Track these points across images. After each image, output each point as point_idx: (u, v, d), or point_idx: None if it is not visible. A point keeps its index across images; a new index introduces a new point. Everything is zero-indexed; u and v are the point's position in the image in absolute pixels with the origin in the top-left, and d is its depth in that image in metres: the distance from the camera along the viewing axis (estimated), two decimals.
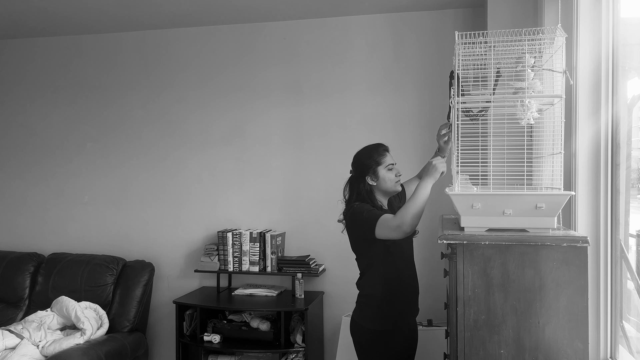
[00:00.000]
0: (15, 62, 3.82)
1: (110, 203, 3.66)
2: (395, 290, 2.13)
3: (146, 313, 3.41)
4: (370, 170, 2.17)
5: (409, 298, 2.21)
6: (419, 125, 3.23)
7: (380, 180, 2.17)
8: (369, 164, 2.18)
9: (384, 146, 2.23)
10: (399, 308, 2.15)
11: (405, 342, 2.18)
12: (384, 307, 2.12)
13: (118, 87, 3.65)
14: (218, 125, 3.50)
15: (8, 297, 3.45)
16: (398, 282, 2.14)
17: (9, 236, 3.80)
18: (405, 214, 1.93)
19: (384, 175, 2.17)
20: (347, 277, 3.20)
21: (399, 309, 2.15)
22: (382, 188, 2.19)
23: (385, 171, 2.17)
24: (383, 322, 2.11)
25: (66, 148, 3.72)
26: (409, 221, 1.93)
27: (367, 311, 2.15)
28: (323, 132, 3.34)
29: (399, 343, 2.14)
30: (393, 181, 2.18)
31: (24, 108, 3.80)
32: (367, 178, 2.18)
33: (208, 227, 3.48)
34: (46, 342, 2.88)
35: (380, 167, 2.17)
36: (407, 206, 1.95)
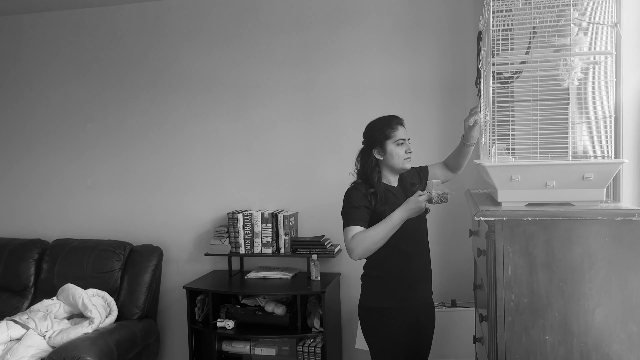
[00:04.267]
0: (8, 40, 3.63)
1: (114, 186, 3.51)
2: (402, 269, 2.02)
3: (156, 299, 3.29)
4: (378, 144, 2.04)
5: (418, 276, 2.08)
6: (441, 94, 3.03)
7: (388, 155, 2.03)
8: (378, 137, 2.04)
9: (397, 119, 2.08)
10: (406, 286, 2.03)
11: (415, 321, 2.05)
12: (391, 286, 2.02)
13: (118, 64, 3.47)
14: (224, 102, 3.32)
15: (13, 285, 3.33)
16: (404, 261, 2.02)
17: (11, 222, 3.67)
18: (361, 243, 1.86)
19: (392, 150, 2.03)
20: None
21: (407, 287, 2.04)
22: (389, 164, 2.05)
23: (394, 146, 2.03)
24: (390, 301, 2.01)
25: (66, 130, 3.56)
26: (360, 253, 1.87)
27: (373, 291, 2.06)
28: (335, 105, 3.16)
29: (408, 322, 2.02)
30: (401, 158, 2.04)
31: (22, 89, 3.63)
32: (374, 151, 2.05)
33: (217, 209, 3.33)
34: (53, 332, 2.77)
35: (389, 141, 2.03)
36: (367, 237, 1.86)
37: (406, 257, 2.02)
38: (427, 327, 2.14)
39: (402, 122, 2.08)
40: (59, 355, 2.53)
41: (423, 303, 2.11)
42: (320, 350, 2.82)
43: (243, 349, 3.01)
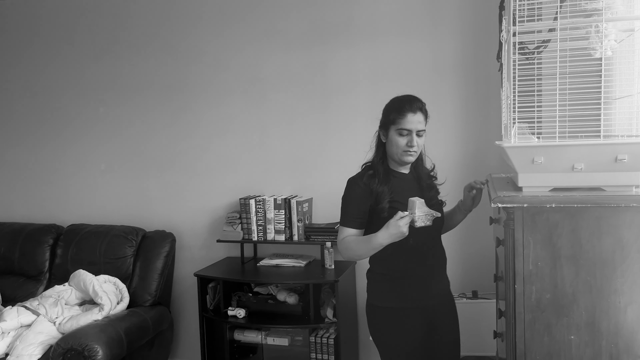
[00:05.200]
0: (21, 24, 3.59)
1: (127, 171, 3.45)
2: (412, 267, 1.86)
3: (169, 286, 3.23)
4: (384, 126, 1.90)
5: (430, 273, 1.91)
6: (463, 74, 2.85)
7: (388, 141, 1.88)
8: (384, 119, 1.90)
9: (411, 105, 1.83)
10: (417, 285, 1.87)
11: (431, 322, 1.88)
12: (400, 284, 1.87)
13: (128, 46, 3.38)
14: (236, 84, 3.21)
15: (28, 270, 3.33)
16: (414, 258, 1.86)
17: (27, 207, 3.66)
18: (346, 251, 1.84)
19: (392, 137, 1.85)
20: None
21: (418, 286, 1.87)
22: (388, 151, 1.89)
23: (395, 134, 1.84)
24: (398, 300, 1.85)
25: (79, 114, 3.51)
26: (346, 257, 1.90)
27: (379, 288, 1.91)
28: (351, 87, 3.01)
29: (420, 323, 1.86)
30: (400, 149, 1.83)
31: (33, 74, 3.59)
32: (380, 132, 1.92)
33: (229, 194, 3.24)
34: (63, 319, 2.74)
35: (392, 127, 1.84)
36: (350, 248, 1.82)
37: (416, 254, 1.85)
38: (447, 323, 1.97)
39: (416, 109, 1.82)
40: (67, 343, 2.49)
41: (439, 301, 1.94)
42: (333, 341, 2.71)
43: (255, 338, 2.93)
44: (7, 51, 3.63)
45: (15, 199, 3.68)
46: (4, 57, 3.64)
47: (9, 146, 3.67)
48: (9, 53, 3.63)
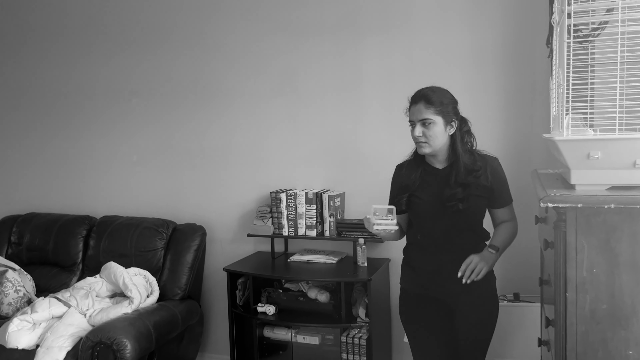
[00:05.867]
0: (52, 17, 3.60)
1: (158, 163, 3.43)
2: (420, 260, 1.99)
3: (199, 279, 3.20)
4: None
5: (439, 266, 1.93)
6: (506, 60, 2.68)
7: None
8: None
9: (414, 95, 1.92)
10: (428, 273, 1.96)
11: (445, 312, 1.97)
12: (414, 269, 2.02)
13: (162, 40, 3.35)
14: (267, 75, 3.13)
15: (62, 261, 3.35)
16: (422, 253, 1.98)
17: (61, 198, 3.69)
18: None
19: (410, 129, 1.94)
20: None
21: (428, 275, 1.96)
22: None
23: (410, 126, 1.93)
24: (411, 283, 2.04)
25: (112, 106, 3.50)
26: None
27: (402, 270, 2.10)
28: (387, 76, 2.88)
29: (434, 308, 1.97)
30: (414, 141, 1.92)
31: (67, 66, 3.60)
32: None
33: (260, 187, 3.17)
34: (94, 311, 2.73)
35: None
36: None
37: (426, 248, 1.96)
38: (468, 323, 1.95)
39: (416, 99, 1.89)
40: (96, 336, 2.48)
41: (457, 300, 1.94)
42: (365, 342, 2.61)
43: (285, 336, 2.86)
44: (41, 46, 3.65)
45: (50, 190, 3.72)
46: (39, 52, 3.66)
47: (45, 139, 3.70)
48: (43, 48, 3.64)
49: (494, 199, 1.92)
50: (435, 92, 1.88)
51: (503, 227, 1.97)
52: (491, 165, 1.91)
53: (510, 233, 1.96)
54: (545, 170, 1.96)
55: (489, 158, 1.94)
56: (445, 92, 1.92)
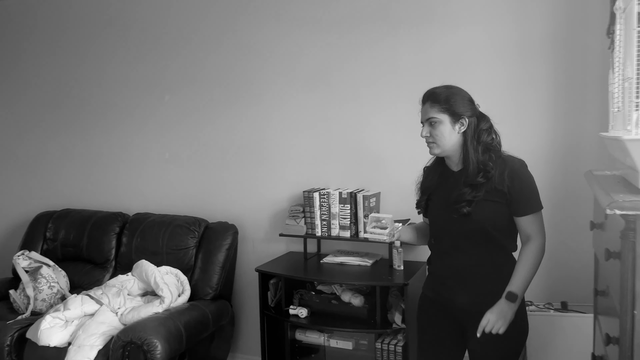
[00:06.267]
0: (86, 18, 3.61)
1: (191, 160, 3.39)
2: (434, 265, 1.95)
3: (231, 279, 3.15)
4: None
5: (448, 274, 1.87)
6: (554, 56, 2.52)
7: None
8: None
9: (423, 96, 1.86)
10: (438, 281, 1.91)
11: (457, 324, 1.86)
12: (430, 273, 2.01)
13: (197, 38, 3.30)
14: (299, 71, 3.04)
15: (95, 258, 3.35)
16: (435, 258, 1.94)
17: (95, 195, 3.69)
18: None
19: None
20: None
21: (440, 281, 1.91)
22: None
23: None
24: (427, 287, 2.00)
25: (145, 103, 3.48)
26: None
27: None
28: (423, 71, 2.75)
29: (443, 315, 1.88)
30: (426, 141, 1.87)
31: (101, 64, 3.60)
32: None
33: (293, 186, 3.09)
34: (125, 310, 2.71)
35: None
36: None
37: (438, 254, 1.92)
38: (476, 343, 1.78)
39: (425, 99, 1.84)
40: (127, 335, 2.45)
41: (467, 317, 1.81)
42: (401, 349, 2.50)
43: (317, 340, 2.77)
44: (75, 45, 3.66)
45: (85, 186, 3.73)
46: (73, 51, 3.67)
47: (79, 136, 3.72)
48: (77, 46, 3.65)
49: (513, 205, 1.75)
50: (441, 89, 1.82)
51: (524, 255, 1.75)
52: (512, 168, 1.75)
53: (533, 263, 1.74)
54: (602, 171, 1.81)
55: (511, 160, 1.78)
56: (454, 89, 1.82)
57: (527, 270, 1.74)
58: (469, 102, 1.81)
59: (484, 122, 1.81)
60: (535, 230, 1.76)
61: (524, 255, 1.75)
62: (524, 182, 1.75)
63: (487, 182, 1.73)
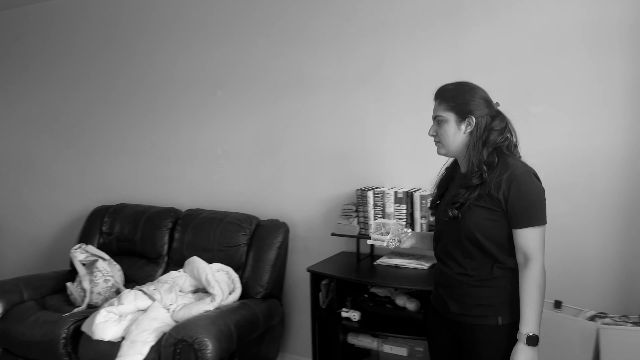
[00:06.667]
0: (135, 12, 3.63)
1: (242, 156, 3.35)
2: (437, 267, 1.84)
3: (281, 278, 3.09)
4: None
5: (441, 282, 1.78)
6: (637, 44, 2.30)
7: None
8: None
9: (435, 93, 1.77)
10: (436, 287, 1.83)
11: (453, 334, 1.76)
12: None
13: (248, 32, 3.26)
14: (354, 64, 2.93)
15: (149, 253, 3.38)
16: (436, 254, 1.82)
17: (149, 190, 3.73)
18: None
19: None
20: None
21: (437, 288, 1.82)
22: None
23: None
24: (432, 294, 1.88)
25: (198, 98, 3.48)
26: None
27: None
28: (488, 67, 2.58)
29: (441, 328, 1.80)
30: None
31: (152, 60, 3.63)
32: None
33: (345, 184, 2.99)
34: (177, 306, 2.70)
35: None
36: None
37: (439, 260, 1.80)
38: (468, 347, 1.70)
39: (435, 96, 1.75)
40: (178, 333, 2.43)
41: (458, 329, 1.72)
42: None
43: (370, 344, 2.67)
44: (126, 41, 3.71)
45: (139, 181, 3.78)
46: (126, 47, 3.72)
47: (135, 131, 3.77)
48: (128, 42, 3.70)
49: (509, 215, 1.59)
50: (451, 86, 1.72)
51: (527, 285, 1.56)
52: (511, 173, 1.58)
53: (539, 292, 1.55)
54: None
55: (514, 165, 1.61)
56: (466, 86, 1.71)
57: (536, 302, 1.55)
58: (481, 100, 1.68)
59: (499, 121, 1.68)
60: (532, 248, 1.57)
61: (526, 285, 1.56)
62: (523, 190, 1.57)
63: (482, 185, 1.61)
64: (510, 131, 1.69)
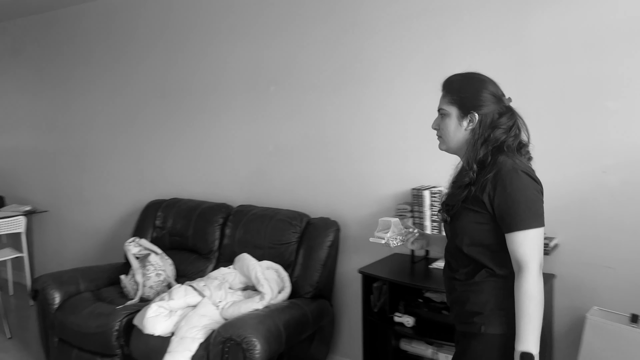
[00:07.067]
0: (185, 8, 3.63)
1: (293, 152, 3.29)
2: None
3: (331, 278, 3.01)
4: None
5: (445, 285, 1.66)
6: None
7: None
8: None
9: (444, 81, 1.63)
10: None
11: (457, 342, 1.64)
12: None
13: (303, 26, 3.18)
14: (413, 59, 2.80)
15: (200, 248, 3.38)
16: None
17: (201, 185, 3.74)
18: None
19: None
20: (588, 255, 2.35)
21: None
22: None
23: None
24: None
25: (251, 94, 3.44)
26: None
27: None
28: (559, 55, 2.39)
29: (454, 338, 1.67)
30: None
31: (205, 53, 3.62)
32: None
33: (400, 183, 2.87)
34: (226, 304, 2.67)
35: None
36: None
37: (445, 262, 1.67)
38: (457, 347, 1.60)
39: (443, 86, 1.62)
40: (226, 331, 2.39)
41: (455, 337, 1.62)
42: None
43: (424, 351, 2.54)
44: (178, 37, 3.71)
45: (192, 176, 3.80)
46: (178, 43, 3.73)
47: (188, 126, 3.78)
48: (179, 39, 3.71)
49: (497, 218, 1.44)
50: (457, 77, 1.59)
51: (519, 296, 1.40)
52: (497, 172, 1.44)
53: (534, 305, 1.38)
54: None
55: (504, 165, 1.44)
56: (475, 78, 1.56)
57: (529, 316, 1.38)
58: (489, 96, 1.52)
59: (506, 118, 1.51)
60: (523, 255, 1.40)
61: (517, 297, 1.40)
62: (508, 190, 1.41)
63: (471, 186, 1.48)
64: (519, 129, 1.54)
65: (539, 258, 1.40)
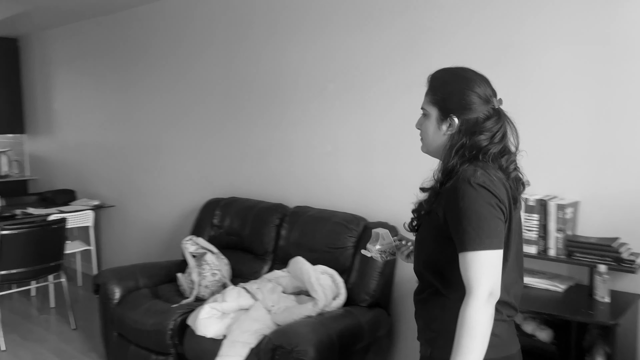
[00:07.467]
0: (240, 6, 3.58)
1: (351, 154, 3.15)
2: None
3: (389, 287, 2.86)
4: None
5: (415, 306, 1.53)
6: None
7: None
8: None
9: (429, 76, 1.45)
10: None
11: None
12: None
13: (360, 16, 3.04)
14: (476, 53, 2.58)
15: (255, 248, 3.33)
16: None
17: (259, 185, 3.69)
18: None
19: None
20: None
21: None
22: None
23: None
24: None
25: (308, 93, 3.34)
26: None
27: None
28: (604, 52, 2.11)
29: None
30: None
31: (259, 52, 3.55)
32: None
33: None
34: (278, 308, 2.60)
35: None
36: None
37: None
38: None
39: (427, 82, 1.44)
40: (278, 339, 2.31)
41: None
42: None
43: None
44: (232, 39, 3.67)
45: (250, 176, 3.76)
46: (232, 45, 3.69)
47: (246, 127, 3.74)
48: (233, 41, 3.67)
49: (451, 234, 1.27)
50: (440, 73, 1.42)
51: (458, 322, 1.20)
52: (453, 186, 1.27)
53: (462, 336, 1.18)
54: None
55: (463, 175, 1.26)
56: (460, 75, 1.38)
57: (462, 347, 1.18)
58: (475, 97, 1.33)
59: (493, 122, 1.33)
60: (470, 279, 1.20)
61: (457, 325, 1.20)
62: (460, 205, 1.23)
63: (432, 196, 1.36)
64: (504, 135, 1.35)
65: (490, 284, 1.19)
